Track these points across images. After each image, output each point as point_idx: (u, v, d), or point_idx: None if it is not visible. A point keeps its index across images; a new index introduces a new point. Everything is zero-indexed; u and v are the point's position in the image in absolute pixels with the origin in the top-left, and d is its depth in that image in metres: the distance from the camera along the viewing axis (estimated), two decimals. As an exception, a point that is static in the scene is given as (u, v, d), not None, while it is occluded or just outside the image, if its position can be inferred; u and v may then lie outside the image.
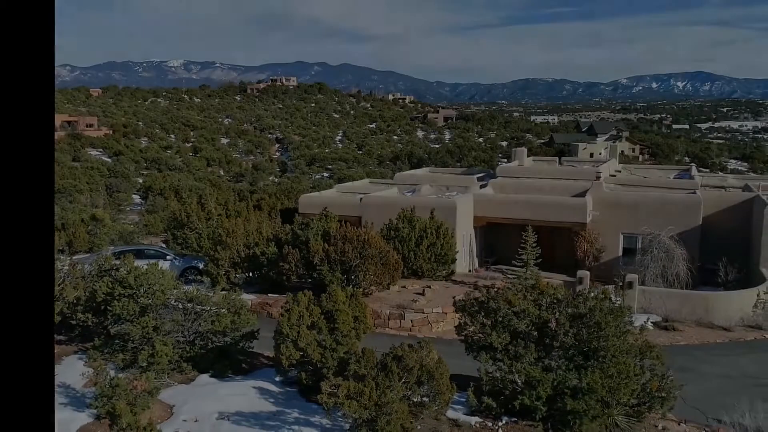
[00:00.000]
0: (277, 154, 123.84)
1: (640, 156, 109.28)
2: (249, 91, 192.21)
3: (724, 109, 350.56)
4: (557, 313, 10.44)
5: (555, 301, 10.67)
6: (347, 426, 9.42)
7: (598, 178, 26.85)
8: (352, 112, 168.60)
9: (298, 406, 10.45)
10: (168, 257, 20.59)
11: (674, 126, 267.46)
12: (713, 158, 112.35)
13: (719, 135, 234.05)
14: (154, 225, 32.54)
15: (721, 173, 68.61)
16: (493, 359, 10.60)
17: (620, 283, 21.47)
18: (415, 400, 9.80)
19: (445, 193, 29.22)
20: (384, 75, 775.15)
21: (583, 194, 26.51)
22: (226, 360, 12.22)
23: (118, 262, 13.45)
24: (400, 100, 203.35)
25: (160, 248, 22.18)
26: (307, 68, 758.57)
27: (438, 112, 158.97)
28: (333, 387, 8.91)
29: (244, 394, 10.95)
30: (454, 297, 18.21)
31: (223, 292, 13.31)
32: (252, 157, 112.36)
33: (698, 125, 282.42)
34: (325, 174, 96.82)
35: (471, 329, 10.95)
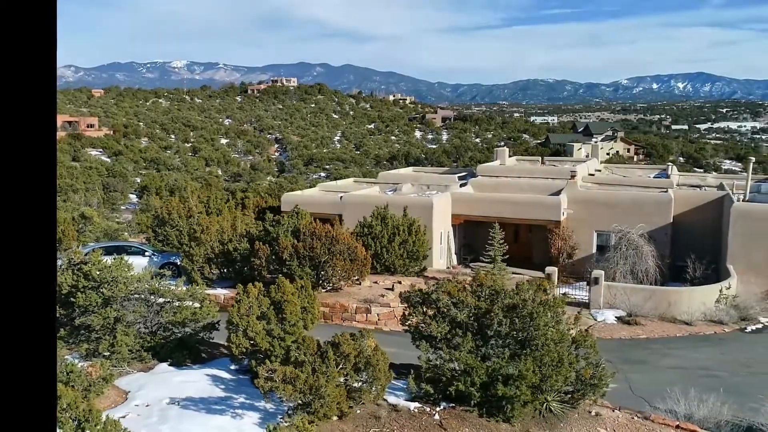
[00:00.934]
0: (276, 154, 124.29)
1: (635, 156, 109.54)
2: (250, 91, 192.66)
3: (724, 110, 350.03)
4: (494, 305, 10.86)
5: (493, 292, 11.09)
6: (306, 410, 9.87)
7: (572, 177, 27.24)
8: (351, 112, 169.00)
9: (246, 392, 10.89)
10: (146, 253, 21.05)
11: (674, 126, 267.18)
12: (707, 158, 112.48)
13: (718, 135, 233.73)
14: (145, 223, 33.00)
15: (700, 172, 68.77)
16: (434, 348, 11.04)
17: (589, 279, 21.91)
18: (355, 385, 10.24)
19: (426, 191, 29.63)
20: (386, 76, 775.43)
21: (558, 193, 26.92)
22: (185, 350, 12.67)
23: (87, 256, 13.88)
24: (401, 101, 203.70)
25: (139, 245, 22.64)
26: (310, 69, 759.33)
27: (436, 112, 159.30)
28: (270, 371, 9.35)
29: (197, 381, 11.39)
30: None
31: (187, 286, 13.75)
32: (251, 157, 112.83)
33: (697, 126, 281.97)
34: (322, 174, 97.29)
35: (414, 320, 11.38)
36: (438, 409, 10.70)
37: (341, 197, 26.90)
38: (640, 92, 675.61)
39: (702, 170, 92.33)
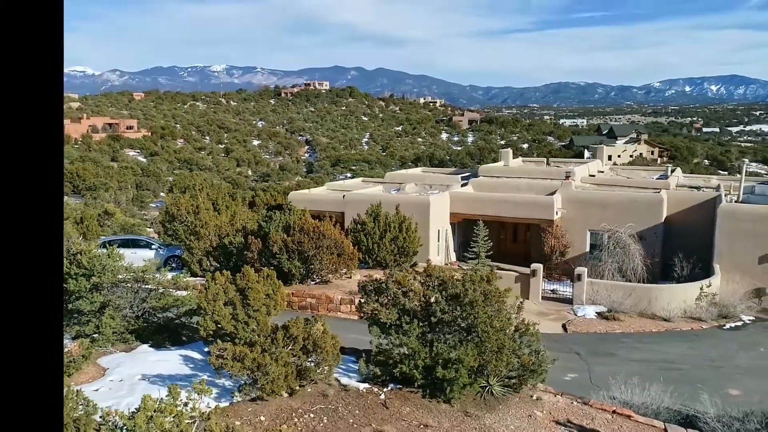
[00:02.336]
0: (305, 155, 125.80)
1: (659, 158, 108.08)
2: (283, 94, 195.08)
3: (757, 113, 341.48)
4: (439, 293, 11.41)
5: (440, 282, 11.63)
6: (253, 387, 10.57)
7: (567, 177, 27.48)
8: (380, 115, 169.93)
9: (211, 371, 11.61)
10: (153, 246, 22.06)
11: (705, 129, 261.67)
12: (732, 161, 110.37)
13: (749, 138, 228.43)
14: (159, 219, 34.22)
15: (724, 174, 67.67)
16: (384, 333, 11.63)
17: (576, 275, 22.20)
18: (306, 365, 10.89)
19: (428, 191, 30.14)
20: (418, 79, 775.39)
21: (554, 193, 27.18)
22: (165, 332, 13.48)
23: (82, 247, 14.80)
24: (431, 104, 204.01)
25: (147, 238, 23.70)
26: (344, 72, 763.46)
27: (463, 115, 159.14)
28: (221, 350, 10.06)
29: (170, 360, 12.18)
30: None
31: (172, 274, 14.58)
32: (280, 158, 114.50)
33: (729, 128, 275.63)
34: (348, 174, 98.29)
35: (368, 307, 11.97)
36: (385, 390, 11.29)
37: (344, 196, 27.59)
38: (673, 95, 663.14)
39: (726, 173, 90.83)
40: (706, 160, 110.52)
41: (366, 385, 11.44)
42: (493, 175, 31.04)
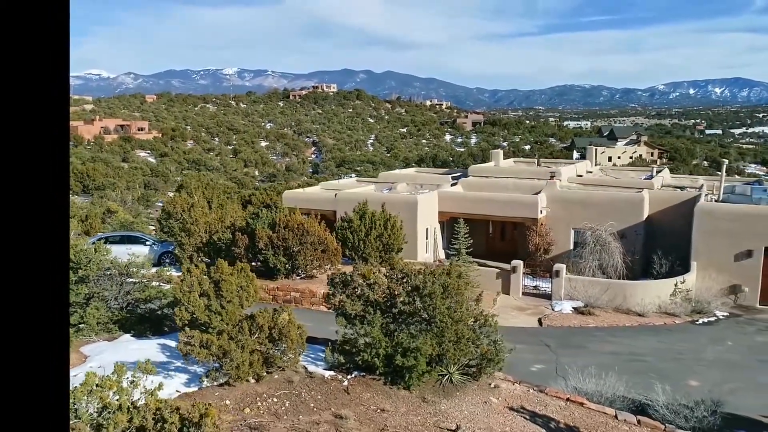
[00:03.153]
0: (312, 156, 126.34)
1: (659, 160, 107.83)
2: (292, 97, 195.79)
3: (760, 115, 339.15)
4: (400, 286, 11.76)
5: (403, 276, 11.98)
6: (218, 373, 10.97)
7: (552, 177, 27.73)
8: (386, 117, 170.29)
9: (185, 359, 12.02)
10: (147, 243, 22.53)
11: (708, 131, 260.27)
12: (731, 162, 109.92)
13: (751, 140, 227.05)
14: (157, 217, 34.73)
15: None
16: (350, 323, 11.99)
17: (554, 272, 22.48)
18: (273, 353, 11.27)
19: (418, 190, 30.47)
20: (426, 82, 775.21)
21: (539, 192, 27.44)
22: (147, 323, 13.90)
23: (71, 242, 15.26)
24: (437, 106, 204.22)
25: (142, 235, 24.18)
26: (353, 75, 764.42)
27: (467, 117, 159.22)
28: (189, 337, 10.46)
29: (149, 349, 12.58)
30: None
31: (156, 268, 15.00)
32: (287, 159, 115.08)
33: (732, 131, 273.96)
34: (353, 175, 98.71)
35: (335, 299, 12.34)
36: (349, 377, 11.65)
37: (335, 195, 27.95)
38: (677, 97, 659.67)
39: (726, 174, 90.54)
40: (705, 162, 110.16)
41: (331, 372, 11.81)
42: (482, 175, 31.33)
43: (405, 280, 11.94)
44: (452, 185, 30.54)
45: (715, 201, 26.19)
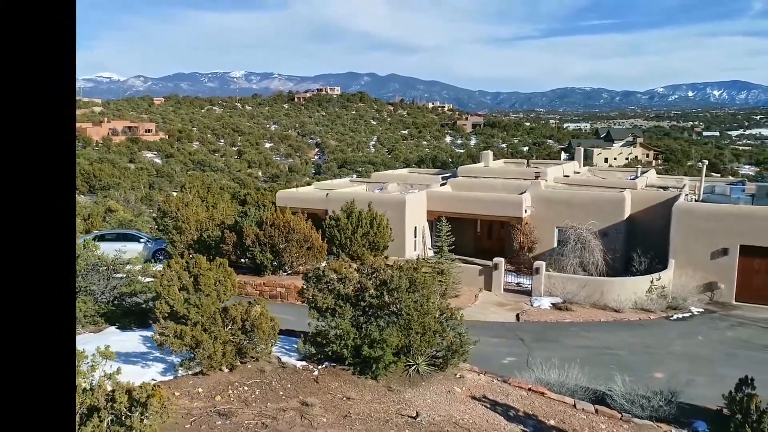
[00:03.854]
0: (315, 157, 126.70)
1: (654, 161, 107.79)
2: (296, 99, 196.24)
3: (758, 117, 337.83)
4: (370, 280, 12.04)
5: (373, 270, 12.27)
6: (192, 362, 11.28)
7: (536, 177, 27.96)
8: (388, 119, 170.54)
9: (167, 350, 12.32)
10: (142, 240, 22.88)
11: (705, 133, 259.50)
12: (726, 164, 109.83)
13: (748, 142, 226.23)
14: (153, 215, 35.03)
15: (717, 176, 67.54)
16: (322, 316, 12.29)
17: (534, 269, 22.71)
18: (245, 344, 11.57)
19: (409, 190, 30.73)
20: (429, 84, 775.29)
21: (525, 192, 27.67)
22: (132, 316, 14.22)
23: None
24: (439, 108, 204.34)
25: (137, 233, 24.53)
26: (358, 78, 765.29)
27: (467, 119, 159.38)
28: (163, 328, 10.77)
29: (131, 340, 12.91)
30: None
31: (144, 263, 15.30)
32: (290, 160, 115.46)
33: (729, 132, 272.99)
34: (354, 175, 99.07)
35: (309, 293, 12.63)
36: (320, 367, 11.94)
37: (327, 194, 28.25)
38: (676, 100, 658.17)
39: (719, 174, 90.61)
40: (699, 163, 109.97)
41: (303, 363, 12.11)
42: (470, 176, 31.58)
43: (374, 275, 12.22)
44: (441, 185, 30.81)
45: (696, 201, 26.39)
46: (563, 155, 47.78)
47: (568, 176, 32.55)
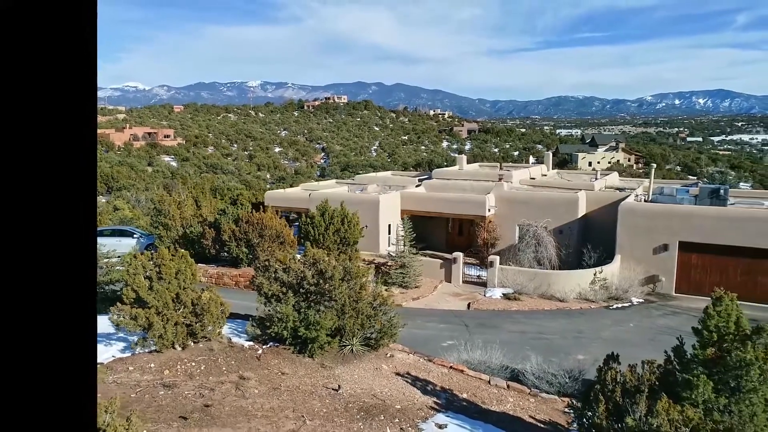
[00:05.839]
0: (321, 161, 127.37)
1: (635, 165, 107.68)
2: (306, 107, 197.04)
3: (740, 124, 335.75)
4: (310, 270, 12.62)
5: (313, 261, 12.84)
6: (148, 341, 11.91)
7: (500, 179, 28.45)
8: (390, 125, 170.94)
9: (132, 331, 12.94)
10: (135, 235, 23.55)
11: (689, 139, 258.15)
12: (702, 167, 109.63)
13: (729, 147, 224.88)
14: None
15: (693, 179, 67.62)
16: (268, 301, 12.88)
17: (489, 262, 23.20)
18: (195, 326, 12.18)
19: (387, 191, 31.27)
20: (432, 93, 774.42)
21: (489, 193, 28.15)
22: (108, 302, 14.85)
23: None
24: (440, 115, 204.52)
25: (132, 228, 25.21)
26: (366, 87, 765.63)
27: (463, 125, 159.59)
28: (119, 311, 11.39)
29: (101, 322, 13.53)
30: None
31: (122, 253, 15.93)
32: (297, 163, 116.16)
33: (712, 138, 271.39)
34: (354, 178, 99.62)
35: (257, 281, 13.23)
36: (265, 347, 12.55)
37: (309, 194, 28.83)
38: (663, 108, 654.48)
39: (695, 177, 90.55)
40: (678, 167, 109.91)
41: (251, 343, 12.71)
42: (444, 178, 32.09)
43: (315, 266, 12.80)
44: (417, 186, 31.32)
45: (645, 201, 26.78)
46: (531, 159, 48.13)
47: (534, 178, 32.98)
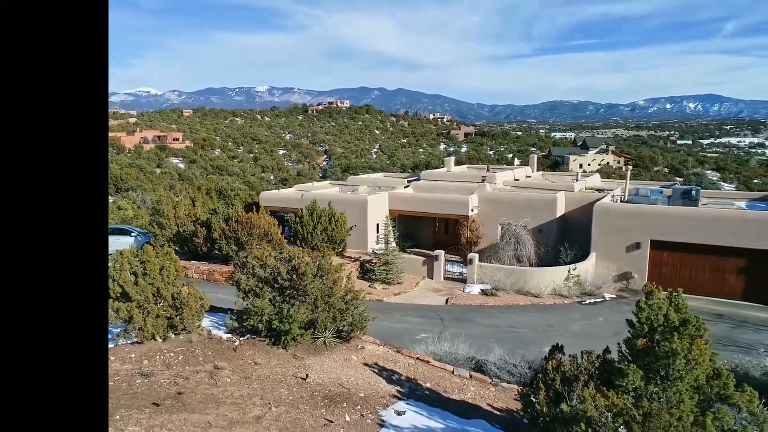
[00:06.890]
0: (323, 163, 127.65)
1: (624, 167, 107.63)
2: (310, 111, 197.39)
3: (728, 127, 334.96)
4: (284, 267, 12.83)
5: (288, 258, 13.05)
6: (129, 333, 12.13)
7: (483, 180, 28.62)
8: (391, 129, 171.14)
9: (112, 323, 13.17)
10: (133, 234, 23.79)
11: (679, 142, 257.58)
12: (688, 169, 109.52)
13: (717, 150, 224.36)
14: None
15: (680, 180, 67.65)
16: (246, 296, 13.09)
17: (469, 259, 23.37)
18: (175, 319, 12.40)
19: (377, 191, 31.46)
20: (433, 98, 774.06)
21: (472, 194, 28.33)
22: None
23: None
24: (439, 120, 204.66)
25: (129, 227, 25.44)
26: (369, 92, 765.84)
27: (460, 129, 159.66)
28: (102, 304, 11.63)
29: (91, 316, 13.80)
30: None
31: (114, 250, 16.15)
32: (300, 165, 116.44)
33: (701, 141, 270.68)
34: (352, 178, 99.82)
35: (236, 277, 13.44)
36: (242, 339, 12.76)
37: (302, 195, 29.04)
38: (655, 111, 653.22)
39: (681, 179, 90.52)
40: (665, 169, 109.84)
41: (229, 335, 12.93)
42: (431, 179, 32.27)
43: (289, 262, 13.01)
44: (405, 187, 31.50)
45: (621, 201, 26.92)
46: (515, 161, 48.25)
47: (518, 180, 33.13)
